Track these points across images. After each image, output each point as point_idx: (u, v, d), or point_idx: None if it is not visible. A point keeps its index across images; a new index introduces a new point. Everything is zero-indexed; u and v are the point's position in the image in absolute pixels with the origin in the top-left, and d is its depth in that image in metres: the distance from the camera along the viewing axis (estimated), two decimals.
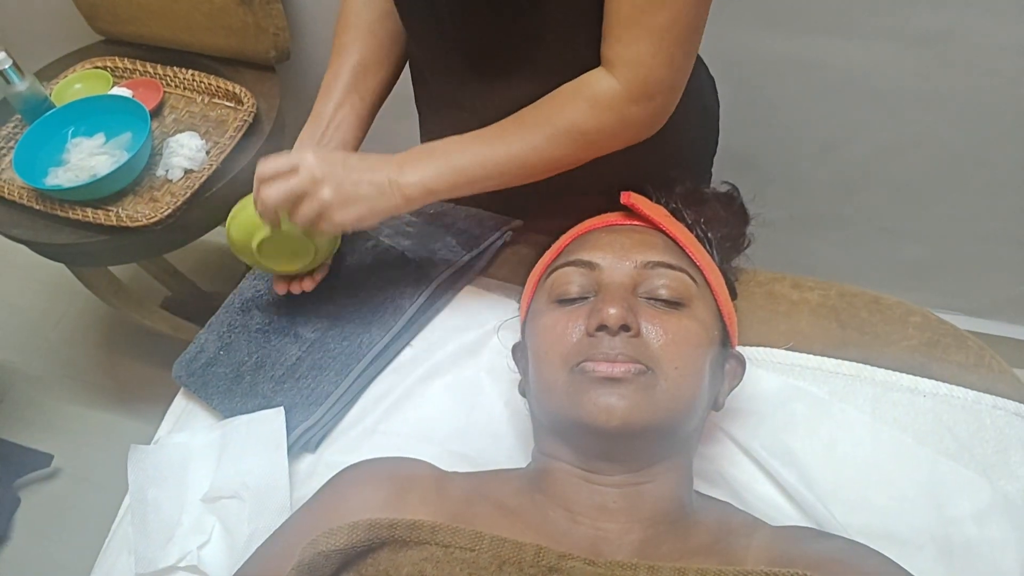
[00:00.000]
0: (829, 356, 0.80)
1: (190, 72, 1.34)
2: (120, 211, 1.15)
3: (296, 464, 0.79)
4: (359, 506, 0.60)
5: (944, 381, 0.77)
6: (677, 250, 0.69)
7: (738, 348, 0.74)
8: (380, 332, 0.84)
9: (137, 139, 1.20)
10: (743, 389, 0.74)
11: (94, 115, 1.23)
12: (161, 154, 1.22)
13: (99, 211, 1.15)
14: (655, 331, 0.61)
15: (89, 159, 1.19)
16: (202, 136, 1.25)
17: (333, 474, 0.67)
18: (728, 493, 0.74)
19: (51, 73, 1.41)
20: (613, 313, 0.59)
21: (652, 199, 0.77)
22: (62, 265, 1.35)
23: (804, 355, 0.81)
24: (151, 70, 1.36)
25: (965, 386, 0.77)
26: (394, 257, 0.90)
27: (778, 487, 0.73)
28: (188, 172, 1.20)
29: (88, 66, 1.39)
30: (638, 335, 0.60)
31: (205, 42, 1.38)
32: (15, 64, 1.18)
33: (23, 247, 1.23)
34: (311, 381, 0.82)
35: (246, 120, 1.25)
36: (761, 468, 0.74)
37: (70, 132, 1.22)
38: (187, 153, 1.20)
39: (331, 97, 0.82)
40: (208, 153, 1.22)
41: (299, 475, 0.78)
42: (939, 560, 0.67)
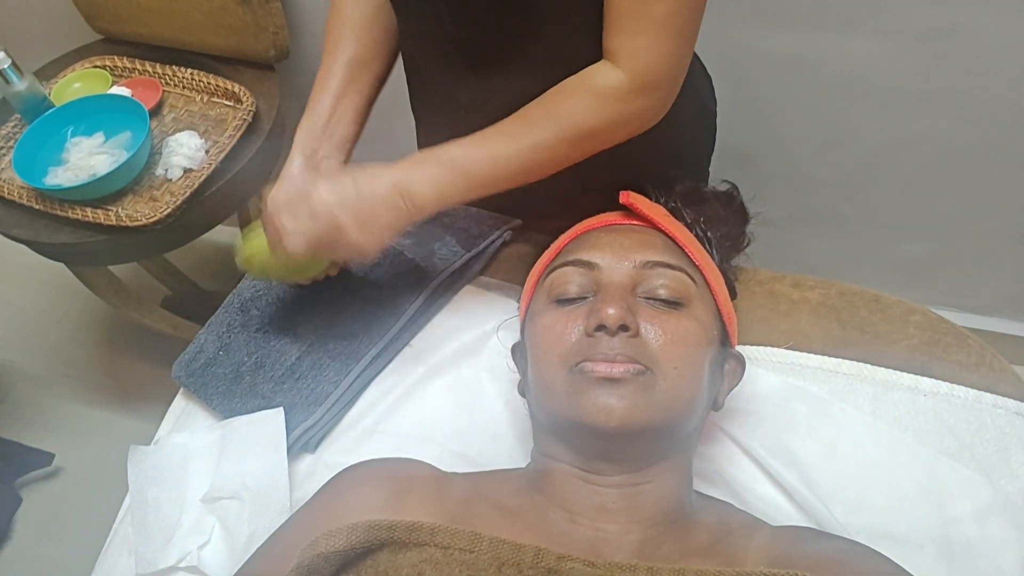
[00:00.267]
0: (829, 355, 0.80)
1: (189, 71, 1.34)
2: (120, 210, 1.15)
3: (296, 464, 0.79)
4: (358, 507, 0.60)
5: (945, 380, 0.77)
6: (676, 250, 0.69)
7: (738, 347, 0.74)
8: (380, 332, 0.84)
9: (136, 138, 1.20)
10: (743, 388, 0.74)
11: (93, 114, 1.23)
12: (160, 153, 1.22)
13: (99, 211, 1.15)
14: (654, 331, 0.61)
15: (88, 158, 1.19)
16: (201, 135, 1.24)
17: (333, 474, 0.67)
18: (728, 493, 0.73)
19: (50, 72, 1.41)
20: (612, 313, 0.59)
21: (651, 198, 0.76)
22: (62, 264, 1.35)
23: (804, 354, 0.81)
24: (150, 69, 1.36)
25: (966, 385, 0.76)
26: (394, 256, 0.90)
27: (778, 487, 0.73)
28: (187, 171, 1.20)
29: (87, 65, 1.39)
30: (637, 335, 0.60)
31: (204, 41, 1.38)
32: (14, 63, 1.18)
33: (23, 247, 1.23)
34: (311, 381, 0.82)
35: (245, 119, 1.25)
36: (761, 468, 0.74)
37: (69, 131, 1.22)
38: (186, 152, 1.20)
39: (329, 91, 0.81)
40: (207, 152, 1.22)
41: (299, 475, 0.78)
42: (940, 560, 0.67)
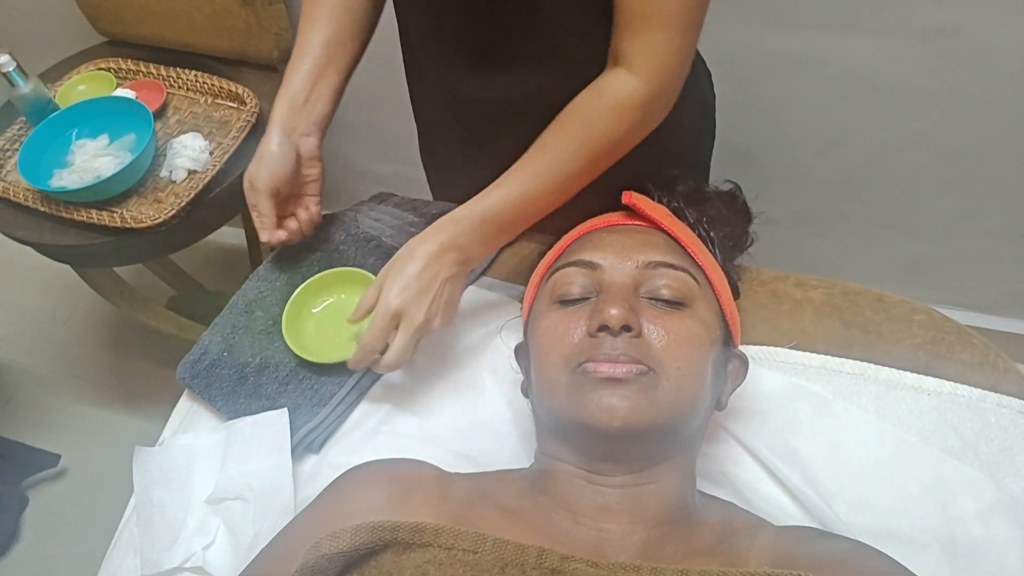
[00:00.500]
0: (833, 355, 0.80)
1: (193, 73, 1.34)
2: (125, 212, 1.16)
3: (300, 465, 0.79)
4: (362, 508, 0.60)
5: (949, 379, 0.77)
6: (679, 250, 0.69)
7: (741, 347, 0.74)
8: None
9: (141, 140, 1.20)
10: (746, 388, 0.74)
11: (98, 117, 1.23)
12: (165, 155, 1.22)
13: (104, 212, 1.15)
14: (657, 331, 0.61)
15: (93, 160, 1.20)
16: (205, 137, 1.25)
17: (337, 475, 0.67)
18: (732, 493, 0.73)
19: (55, 75, 1.41)
20: (614, 314, 0.59)
21: (654, 198, 0.76)
22: (67, 266, 1.36)
23: (808, 354, 0.81)
24: (154, 71, 1.37)
25: (970, 384, 0.76)
26: None
27: (782, 487, 0.73)
28: (192, 173, 1.20)
29: (92, 68, 1.39)
30: (640, 335, 0.60)
31: (208, 43, 1.38)
32: (19, 66, 1.18)
33: (29, 248, 1.23)
34: (314, 382, 0.82)
35: (249, 121, 1.25)
36: (765, 468, 0.74)
37: (74, 134, 1.22)
38: (191, 154, 1.20)
39: (306, 70, 0.82)
40: (211, 154, 1.23)
41: (303, 476, 0.79)
42: (944, 559, 0.67)
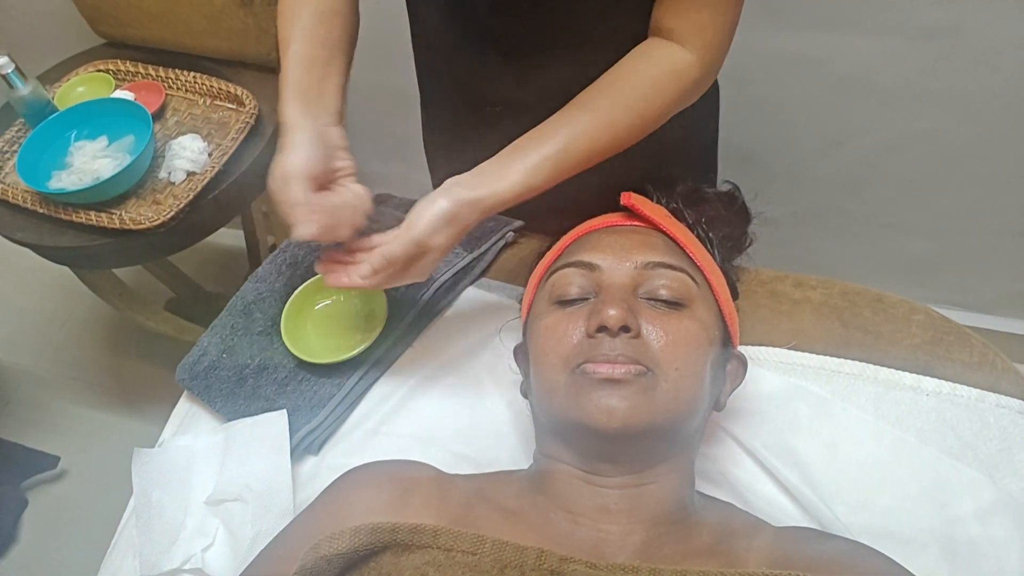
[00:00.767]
0: (831, 355, 0.80)
1: (192, 74, 1.34)
2: (123, 214, 1.16)
3: (299, 467, 0.79)
4: (361, 509, 0.60)
5: (947, 380, 0.77)
6: (677, 250, 0.69)
7: (740, 348, 0.74)
8: (383, 334, 0.84)
9: (140, 142, 1.20)
10: (745, 389, 0.74)
11: (97, 118, 1.23)
12: (164, 157, 1.22)
13: (102, 214, 1.15)
14: (655, 332, 0.61)
15: (92, 162, 1.20)
16: (204, 138, 1.25)
17: (336, 476, 0.67)
18: (730, 493, 0.73)
19: (54, 77, 1.41)
20: (613, 314, 0.59)
21: (652, 199, 0.76)
22: (66, 268, 1.36)
23: (806, 354, 0.81)
24: (153, 73, 1.37)
25: (969, 385, 0.76)
26: None
27: (780, 487, 0.73)
28: (190, 174, 1.20)
29: (90, 69, 1.39)
30: (638, 336, 0.60)
31: (206, 44, 1.38)
32: (18, 68, 1.18)
33: (27, 250, 1.23)
34: (313, 384, 0.82)
35: (248, 122, 1.25)
36: (763, 468, 0.74)
37: (73, 135, 1.23)
38: (189, 155, 1.20)
39: (305, 67, 0.74)
40: (210, 155, 1.23)
41: (302, 477, 0.79)
42: (942, 560, 0.67)
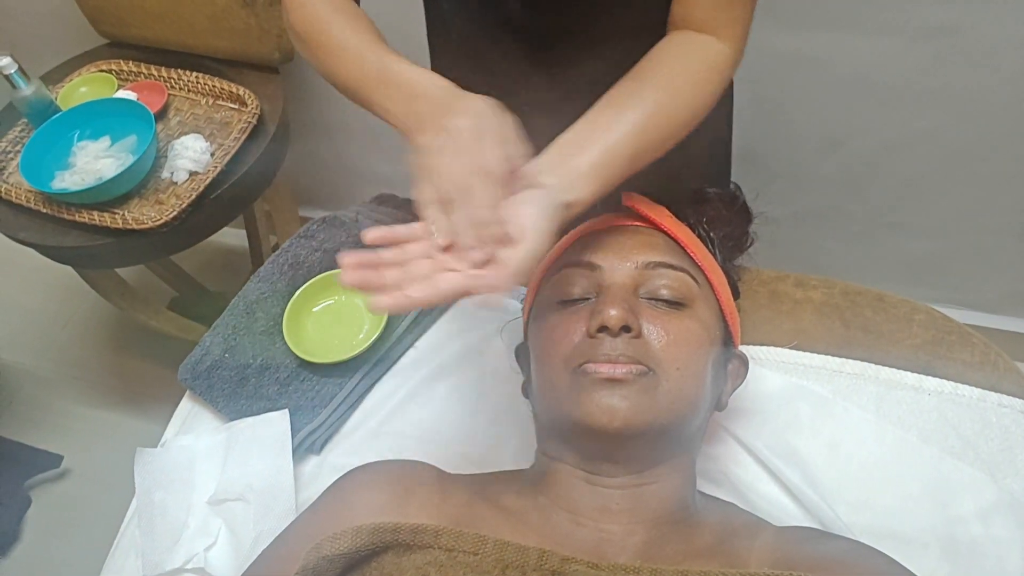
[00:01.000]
0: (833, 355, 0.80)
1: (194, 75, 1.34)
2: (126, 214, 1.16)
3: (301, 466, 0.80)
4: (363, 509, 0.60)
5: (949, 379, 0.77)
6: (678, 250, 0.69)
7: (742, 347, 0.74)
8: (384, 334, 0.84)
9: (142, 142, 1.20)
10: (747, 388, 0.74)
11: (99, 118, 1.24)
12: (166, 156, 1.23)
13: (105, 214, 1.15)
14: (656, 332, 0.61)
15: (95, 162, 1.20)
16: (206, 138, 1.25)
17: (338, 476, 0.67)
18: (732, 493, 0.74)
19: (56, 77, 1.41)
20: (614, 314, 0.59)
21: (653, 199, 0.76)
22: (69, 267, 1.36)
23: (808, 354, 0.81)
24: (155, 73, 1.37)
25: (970, 384, 0.76)
26: None
27: (782, 487, 0.73)
28: (193, 174, 1.21)
29: (93, 69, 1.39)
30: (639, 336, 0.60)
31: (209, 44, 1.38)
32: (20, 68, 1.19)
33: (30, 250, 1.24)
34: (315, 383, 0.82)
35: (250, 122, 1.25)
36: (765, 467, 0.74)
37: (76, 135, 1.23)
38: (192, 155, 1.20)
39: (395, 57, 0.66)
40: (213, 155, 1.23)
41: (304, 477, 0.79)
42: (944, 559, 0.67)
